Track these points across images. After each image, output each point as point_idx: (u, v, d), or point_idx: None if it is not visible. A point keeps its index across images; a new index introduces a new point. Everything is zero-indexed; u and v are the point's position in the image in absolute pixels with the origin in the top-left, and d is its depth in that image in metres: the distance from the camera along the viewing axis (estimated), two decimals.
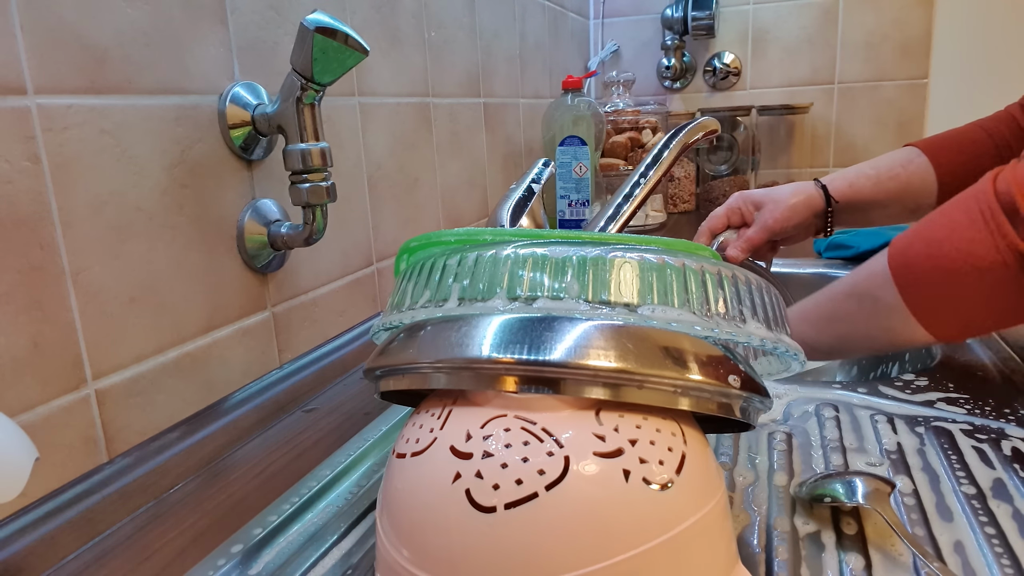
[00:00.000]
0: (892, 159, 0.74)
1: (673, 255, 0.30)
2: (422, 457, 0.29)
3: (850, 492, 0.39)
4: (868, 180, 0.74)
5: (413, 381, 0.31)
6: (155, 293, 0.51)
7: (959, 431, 0.48)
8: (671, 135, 0.54)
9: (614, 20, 1.65)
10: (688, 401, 0.28)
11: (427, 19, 0.88)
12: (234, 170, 0.58)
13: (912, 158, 0.72)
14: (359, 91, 0.74)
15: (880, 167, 0.74)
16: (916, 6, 1.45)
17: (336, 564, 0.38)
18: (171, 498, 0.45)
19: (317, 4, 0.67)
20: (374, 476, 0.47)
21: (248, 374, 0.60)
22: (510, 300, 0.29)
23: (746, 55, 1.59)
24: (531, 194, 0.49)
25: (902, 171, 0.73)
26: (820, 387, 0.57)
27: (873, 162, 0.75)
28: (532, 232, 0.37)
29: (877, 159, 0.75)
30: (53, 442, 0.44)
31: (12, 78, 0.41)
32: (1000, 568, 0.35)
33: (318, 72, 0.51)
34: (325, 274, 0.70)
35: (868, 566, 0.35)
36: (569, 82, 1.16)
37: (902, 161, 0.73)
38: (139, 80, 0.49)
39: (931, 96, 1.48)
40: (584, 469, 0.26)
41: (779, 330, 0.31)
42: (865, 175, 0.74)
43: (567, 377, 0.27)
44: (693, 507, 0.28)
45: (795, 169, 1.57)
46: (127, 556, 0.39)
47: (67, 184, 0.44)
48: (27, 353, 0.42)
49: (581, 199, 1.15)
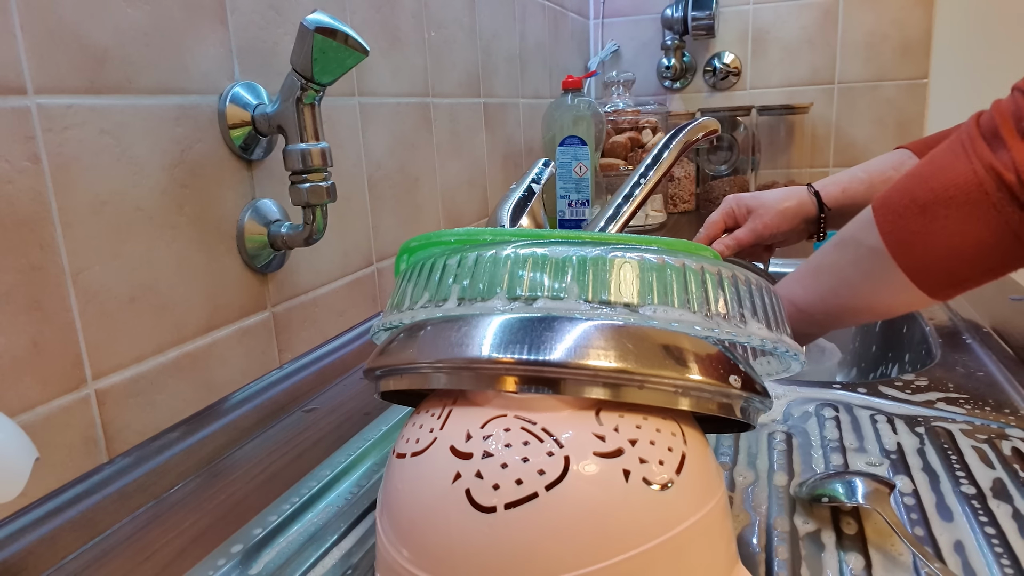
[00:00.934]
0: (884, 162, 0.74)
1: (673, 255, 0.30)
2: (422, 457, 0.29)
3: (850, 492, 0.39)
4: (861, 184, 0.74)
5: (413, 381, 0.31)
6: (155, 293, 0.51)
7: (959, 431, 0.48)
8: (671, 135, 0.54)
9: (614, 20, 1.65)
10: (688, 401, 0.28)
11: (427, 19, 0.88)
12: (234, 170, 0.58)
13: (904, 160, 0.72)
14: (359, 91, 0.74)
15: (872, 171, 0.74)
16: (916, 6, 1.45)
17: (336, 564, 0.38)
18: (171, 498, 0.45)
19: (317, 4, 0.67)
20: (374, 476, 0.47)
21: (248, 374, 0.60)
22: (510, 300, 0.29)
23: (746, 55, 1.59)
24: (531, 194, 0.49)
25: (894, 173, 0.72)
26: (820, 387, 0.57)
27: (865, 166, 0.75)
28: (532, 232, 0.37)
29: (869, 163, 0.75)
30: (53, 442, 0.44)
31: (12, 78, 0.41)
32: (1000, 568, 0.35)
33: (318, 72, 0.51)
34: (325, 274, 0.70)
35: (868, 566, 0.35)
36: (569, 82, 1.16)
37: (894, 164, 0.73)
38: (139, 80, 0.49)
39: (931, 96, 1.48)
40: (584, 469, 0.26)
41: (779, 330, 0.31)
42: (858, 179, 0.74)
43: (567, 377, 0.27)
44: (693, 507, 0.28)
45: (795, 169, 1.57)
46: (127, 556, 0.39)
47: (67, 184, 0.44)
48: (27, 353, 0.42)
49: (581, 199, 1.15)
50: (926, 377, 0.57)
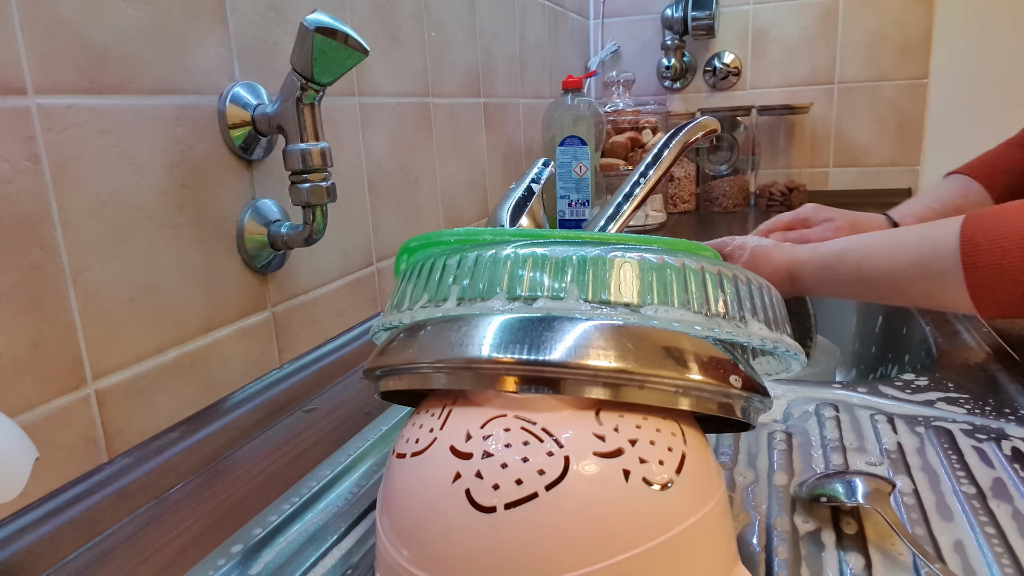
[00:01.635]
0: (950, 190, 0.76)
1: (673, 255, 0.30)
2: (422, 457, 0.29)
3: (850, 492, 0.39)
4: (935, 214, 0.76)
5: (413, 381, 0.31)
6: (155, 293, 0.51)
7: (959, 431, 0.48)
8: (671, 135, 0.54)
9: (614, 20, 1.65)
10: (688, 401, 0.28)
11: (427, 19, 0.88)
12: (234, 170, 0.58)
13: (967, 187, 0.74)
14: (359, 91, 0.74)
15: (943, 199, 0.76)
16: (916, 6, 1.45)
17: (336, 564, 0.38)
18: (171, 498, 0.45)
19: (317, 4, 0.67)
20: (374, 476, 0.47)
21: (248, 374, 0.60)
22: (510, 300, 0.29)
23: (746, 55, 1.59)
24: (531, 194, 0.49)
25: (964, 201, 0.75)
26: (820, 387, 0.57)
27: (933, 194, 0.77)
28: (532, 232, 0.37)
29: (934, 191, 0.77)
30: (53, 442, 0.44)
31: (12, 78, 0.41)
32: (1000, 568, 0.35)
33: (318, 72, 0.51)
34: (325, 274, 0.70)
35: (868, 566, 0.35)
36: (569, 82, 1.16)
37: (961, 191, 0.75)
38: (139, 80, 0.49)
39: (931, 96, 1.48)
40: (584, 469, 0.26)
41: (779, 330, 0.31)
42: (932, 209, 0.76)
43: (567, 377, 0.27)
44: (693, 507, 0.28)
45: (795, 169, 1.57)
46: (127, 556, 0.39)
47: (67, 184, 0.44)
48: (27, 353, 0.42)
49: (581, 199, 1.15)
50: (926, 377, 0.57)
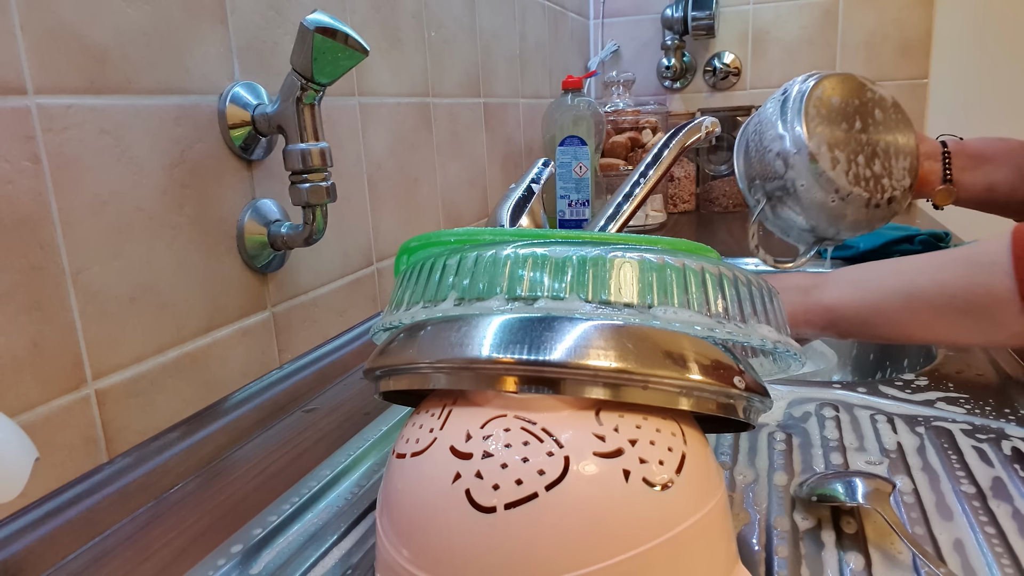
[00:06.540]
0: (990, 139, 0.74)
1: (673, 255, 0.30)
2: (422, 457, 0.29)
3: (850, 492, 0.39)
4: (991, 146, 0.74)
5: (413, 381, 0.31)
6: (155, 293, 0.51)
7: (959, 431, 0.48)
8: (671, 135, 0.54)
9: (614, 20, 1.65)
10: (688, 401, 0.28)
11: (427, 19, 0.88)
12: (234, 170, 0.58)
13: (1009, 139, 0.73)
14: (359, 91, 0.74)
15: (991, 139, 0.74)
16: (916, 6, 1.45)
17: (336, 564, 0.38)
18: (171, 498, 0.45)
19: (317, 4, 0.67)
20: (374, 476, 0.47)
21: (248, 374, 0.60)
22: (510, 300, 0.29)
23: (746, 55, 1.59)
24: (531, 194, 0.49)
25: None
26: (820, 387, 0.57)
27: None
28: (532, 232, 0.37)
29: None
30: (53, 442, 0.44)
31: (12, 78, 0.41)
32: (1000, 568, 0.35)
33: (318, 72, 0.51)
34: (325, 274, 0.70)
35: (868, 565, 0.35)
36: (569, 82, 1.16)
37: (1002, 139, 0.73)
38: (139, 80, 0.49)
39: (931, 96, 1.48)
40: (584, 469, 0.26)
41: (779, 330, 0.31)
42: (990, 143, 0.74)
43: (567, 377, 0.27)
44: (693, 507, 0.28)
45: None
46: (127, 556, 0.39)
47: (67, 184, 0.44)
48: (27, 353, 0.42)
49: (581, 199, 1.15)
50: (926, 377, 0.57)
